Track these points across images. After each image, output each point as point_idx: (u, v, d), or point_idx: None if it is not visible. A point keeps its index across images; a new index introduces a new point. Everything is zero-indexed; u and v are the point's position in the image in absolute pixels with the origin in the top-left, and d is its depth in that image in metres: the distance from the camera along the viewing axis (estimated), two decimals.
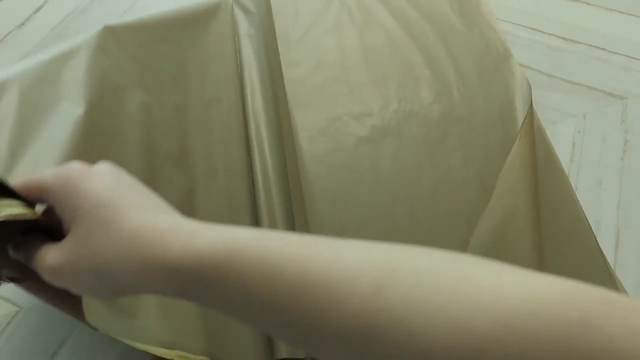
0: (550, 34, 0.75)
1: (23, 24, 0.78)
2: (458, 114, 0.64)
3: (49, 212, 0.28)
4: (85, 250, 0.23)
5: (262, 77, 0.64)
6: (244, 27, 0.68)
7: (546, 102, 0.66)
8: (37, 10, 0.80)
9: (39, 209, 0.28)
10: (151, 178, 0.53)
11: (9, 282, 0.31)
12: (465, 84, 0.67)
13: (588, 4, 0.79)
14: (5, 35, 0.76)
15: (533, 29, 0.76)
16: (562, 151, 0.61)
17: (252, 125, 0.61)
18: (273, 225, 0.54)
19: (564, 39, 0.74)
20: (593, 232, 0.51)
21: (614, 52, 0.72)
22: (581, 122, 0.65)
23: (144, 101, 0.55)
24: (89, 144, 0.47)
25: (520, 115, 0.64)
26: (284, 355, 0.48)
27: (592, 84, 0.69)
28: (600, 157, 0.62)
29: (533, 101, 0.65)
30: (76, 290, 0.25)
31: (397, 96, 0.66)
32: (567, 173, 0.58)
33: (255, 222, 0.55)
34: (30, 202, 0.28)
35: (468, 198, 0.57)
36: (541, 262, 0.52)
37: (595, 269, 0.51)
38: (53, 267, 0.24)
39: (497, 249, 0.53)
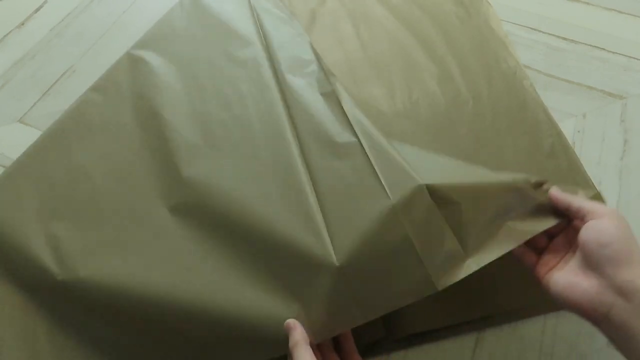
0: (550, 34, 0.75)
1: (23, 24, 0.78)
2: (463, 99, 0.63)
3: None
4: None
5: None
6: None
7: (546, 102, 0.66)
8: (37, 10, 0.80)
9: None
10: None
11: None
12: (465, 70, 0.66)
13: (588, 4, 0.79)
14: (5, 35, 0.77)
15: (533, 29, 0.76)
16: None
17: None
18: None
19: (564, 39, 0.74)
20: None
21: (614, 52, 0.72)
22: (581, 121, 0.65)
23: None
24: None
25: (528, 97, 0.63)
26: None
27: (591, 84, 0.69)
28: (600, 157, 0.62)
29: None
30: None
31: (402, 90, 0.65)
32: None
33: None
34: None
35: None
36: None
37: None
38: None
39: None
